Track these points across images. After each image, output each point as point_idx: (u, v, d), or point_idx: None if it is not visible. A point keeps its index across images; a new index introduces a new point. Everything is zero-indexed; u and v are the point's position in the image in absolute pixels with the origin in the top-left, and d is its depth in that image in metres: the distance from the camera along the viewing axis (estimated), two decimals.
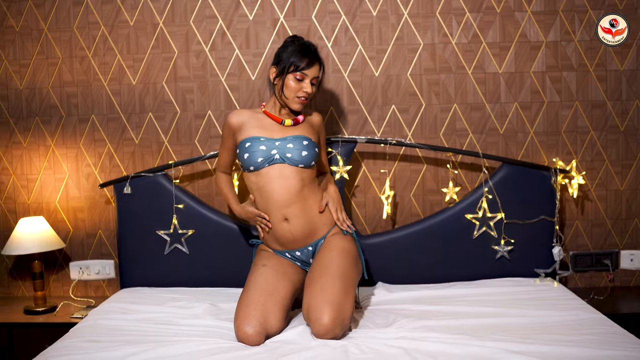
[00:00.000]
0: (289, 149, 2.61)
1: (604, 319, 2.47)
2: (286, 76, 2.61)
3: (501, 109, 3.24)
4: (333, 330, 2.34)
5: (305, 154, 2.62)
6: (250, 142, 2.64)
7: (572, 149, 3.25)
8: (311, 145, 2.65)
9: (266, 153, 2.61)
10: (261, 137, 2.65)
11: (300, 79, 2.61)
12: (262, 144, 2.62)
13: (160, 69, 3.27)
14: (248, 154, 2.62)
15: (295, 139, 2.64)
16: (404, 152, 3.26)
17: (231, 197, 2.85)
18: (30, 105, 3.32)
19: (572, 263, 3.26)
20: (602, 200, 3.28)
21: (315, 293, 2.43)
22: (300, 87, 2.61)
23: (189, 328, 2.52)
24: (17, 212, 3.37)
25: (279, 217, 2.64)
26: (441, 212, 3.13)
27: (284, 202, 2.61)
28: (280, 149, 2.62)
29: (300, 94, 2.62)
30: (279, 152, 2.61)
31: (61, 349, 2.27)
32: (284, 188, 2.61)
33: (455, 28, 3.21)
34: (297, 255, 2.70)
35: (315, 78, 2.64)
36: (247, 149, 2.63)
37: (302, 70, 2.59)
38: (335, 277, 2.49)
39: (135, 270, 3.14)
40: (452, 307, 2.69)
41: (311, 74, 2.62)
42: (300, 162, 2.61)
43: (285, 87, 2.62)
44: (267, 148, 2.61)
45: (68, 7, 3.27)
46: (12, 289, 3.44)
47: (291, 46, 2.64)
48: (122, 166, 3.32)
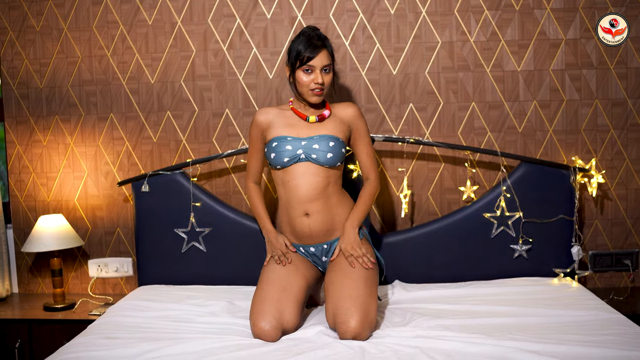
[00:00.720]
0: (314, 150, 2.59)
1: (623, 319, 2.44)
2: (296, 72, 2.59)
3: (520, 107, 3.21)
4: (361, 334, 2.34)
5: (331, 155, 2.59)
6: (277, 142, 2.62)
7: (591, 148, 3.21)
8: (338, 145, 2.61)
9: (292, 153, 2.60)
10: (288, 137, 2.63)
11: (309, 71, 2.57)
12: (288, 143, 2.61)
13: (178, 67, 3.29)
14: (275, 154, 2.61)
15: (321, 138, 2.61)
16: (422, 151, 3.25)
17: (264, 215, 2.79)
18: (50, 104, 3.36)
19: (592, 263, 3.22)
20: (622, 199, 3.24)
21: (341, 295, 2.42)
22: (311, 79, 2.57)
23: (206, 325, 2.53)
24: (37, 210, 3.41)
25: (300, 211, 2.63)
26: (459, 211, 3.11)
27: (307, 197, 2.61)
28: (306, 148, 2.60)
29: (312, 86, 2.57)
30: (305, 152, 2.59)
31: (78, 346, 2.28)
32: (309, 184, 2.60)
33: (474, 26, 3.19)
34: (312, 251, 2.69)
35: (327, 66, 2.58)
36: (274, 149, 2.62)
37: (308, 62, 2.55)
38: (359, 279, 2.48)
39: (153, 268, 3.16)
40: (469, 306, 2.67)
41: (319, 63, 2.56)
42: (325, 163, 2.59)
43: (297, 83, 2.60)
44: (293, 148, 2.60)
45: (87, 7, 3.30)
46: (32, 285, 3.47)
47: (296, 41, 2.61)
48: (140, 164, 3.34)
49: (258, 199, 2.82)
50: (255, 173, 2.83)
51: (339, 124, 2.68)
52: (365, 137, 2.73)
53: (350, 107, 2.72)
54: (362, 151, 2.74)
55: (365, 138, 2.73)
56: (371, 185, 2.74)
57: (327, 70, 2.60)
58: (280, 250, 2.64)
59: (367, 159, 2.75)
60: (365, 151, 2.74)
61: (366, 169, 2.76)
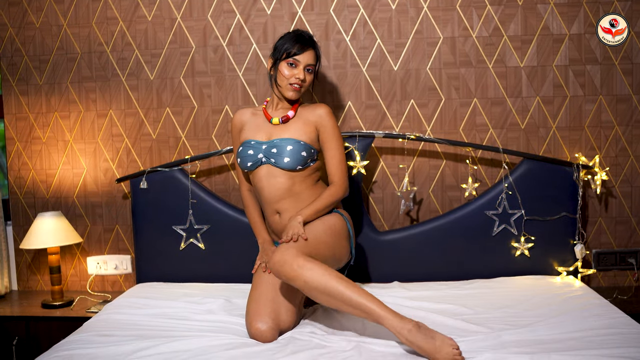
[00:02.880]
0: (272, 154, 2.59)
1: (627, 319, 2.39)
2: (280, 64, 2.59)
3: (522, 104, 3.17)
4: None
5: (288, 160, 2.57)
6: (242, 146, 2.67)
7: (595, 145, 3.17)
8: (297, 149, 2.57)
9: (254, 157, 2.63)
10: (252, 141, 2.66)
11: (293, 65, 2.57)
12: (251, 148, 2.64)
13: (177, 63, 3.27)
14: (240, 159, 2.67)
15: (281, 142, 2.60)
16: (423, 148, 3.21)
17: (259, 224, 2.81)
18: (50, 100, 3.34)
19: (595, 261, 3.18)
20: (627, 197, 3.20)
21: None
22: (293, 73, 2.57)
23: (203, 323, 2.51)
24: (36, 207, 3.39)
25: (271, 210, 2.66)
26: (460, 208, 3.07)
27: (273, 198, 2.63)
28: (265, 152, 2.61)
29: (293, 81, 2.57)
30: (265, 156, 2.62)
31: (73, 343, 2.26)
32: (272, 186, 2.62)
33: (476, 21, 3.15)
34: None
35: (311, 66, 2.60)
36: (239, 153, 2.67)
37: (294, 55, 2.56)
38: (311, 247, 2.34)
39: (151, 265, 3.15)
40: (470, 305, 2.64)
41: (304, 60, 2.57)
42: (284, 167, 2.58)
43: (278, 75, 2.60)
44: (255, 152, 2.63)
45: (87, 3, 3.28)
46: (31, 282, 3.46)
47: (284, 37, 2.64)
48: (140, 161, 3.32)
49: (253, 207, 2.85)
50: (246, 178, 2.85)
51: (303, 125, 2.65)
52: (332, 139, 2.64)
53: (320, 108, 2.66)
54: (329, 153, 2.66)
55: (332, 140, 2.64)
56: (334, 187, 2.62)
57: (310, 71, 2.61)
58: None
59: (333, 162, 2.65)
60: (332, 154, 2.65)
61: (331, 172, 2.66)
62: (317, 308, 2.67)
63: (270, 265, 2.28)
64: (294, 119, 2.67)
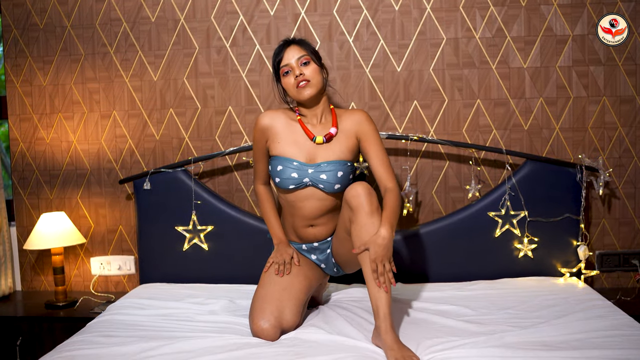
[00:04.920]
0: (321, 180, 2.46)
1: (630, 320, 2.38)
2: (281, 81, 2.52)
3: (526, 105, 3.17)
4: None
5: (339, 186, 2.48)
6: (282, 166, 2.48)
7: (599, 146, 3.16)
8: (346, 173, 2.48)
9: (298, 180, 2.47)
10: (294, 161, 2.48)
11: (288, 73, 2.48)
12: (294, 170, 2.47)
13: (181, 64, 3.27)
14: (279, 179, 2.49)
15: (329, 166, 2.47)
16: (426, 149, 3.21)
17: (275, 222, 2.69)
18: (53, 101, 3.35)
19: (599, 263, 3.18)
20: (631, 198, 3.19)
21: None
22: (291, 77, 2.47)
23: (206, 324, 2.51)
24: (39, 208, 3.40)
25: (305, 224, 2.59)
26: (463, 209, 3.07)
27: (311, 215, 2.56)
28: (312, 177, 2.47)
29: (295, 82, 2.46)
30: (312, 180, 2.48)
31: (76, 344, 2.27)
32: (314, 207, 2.53)
33: (479, 22, 3.15)
34: (315, 245, 2.65)
35: (302, 57, 2.46)
36: (278, 173, 2.49)
37: (281, 61, 2.48)
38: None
39: (154, 266, 3.15)
40: (473, 306, 2.64)
41: (290, 56, 2.46)
42: (332, 192, 2.49)
43: (285, 90, 2.53)
44: (299, 176, 2.47)
45: (91, 4, 3.29)
46: (35, 283, 3.47)
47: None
48: (143, 162, 3.32)
49: (269, 205, 2.71)
50: (263, 176, 2.71)
51: (346, 140, 2.53)
52: (375, 143, 2.51)
53: (357, 114, 2.55)
54: (374, 158, 2.51)
55: (375, 145, 2.51)
56: (394, 195, 2.40)
57: (306, 63, 2.47)
58: (285, 260, 2.57)
59: (381, 166, 2.50)
60: (378, 158, 2.50)
61: (382, 178, 2.49)
62: (320, 309, 2.67)
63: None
64: (336, 135, 2.54)
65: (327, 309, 2.63)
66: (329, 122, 2.56)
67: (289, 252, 2.60)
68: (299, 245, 2.67)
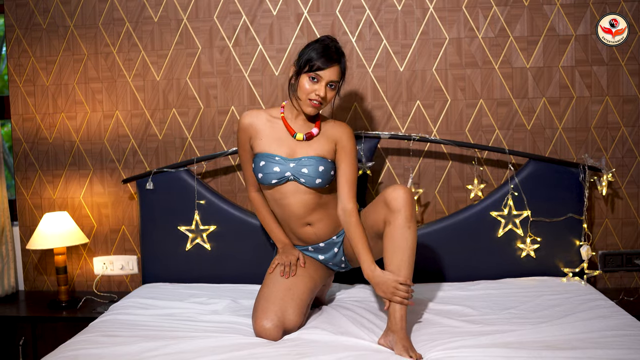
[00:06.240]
0: (303, 174, 2.48)
1: (633, 320, 2.39)
2: (301, 76, 2.42)
3: (529, 105, 3.16)
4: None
5: (320, 181, 2.49)
6: (265, 162, 2.50)
7: (602, 146, 3.16)
8: (327, 169, 2.49)
9: (280, 175, 2.49)
10: (276, 156, 2.50)
11: (315, 80, 2.40)
12: (276, 164, 2.49)
13: (184, 64, 3.27)
14: (262, 175, 2.51)
15: (310, 161, 2.49)
16: (429, 148, 3.21)
17: (275, 228, 2.69)
18: (56, 101, 3.35)
19: (602, 263, 3.18)
20: (634, 198, 3.19)
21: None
22: (314, 89, 2.40)
23: (208, 324, 2.51)
24: (42, 208, 3.40)
25: (300, 223, 2.59)
26: (466, 209, 3.07)
27: (302, 213, 2.56)
28: (294, 171, 2.49)
29: (312, 97, 2.41)
30: (293, 174, 2.49)
31: (78, 343, 2.27)
32: (300, 202, 2.54)
33: (482, 22, 3.15)
34: (321, 246, 2.65)
35: (334, 82, 2.42)
36: (261, 169, 2.51)
37: (317, 70, 2.38)
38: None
39: (157, 265, 3.15)
40: (475, 306, 2.64)
41: (327, 77, 2.39)
42: (313, 187, 2.50)
43: (299, 88, 2.44)
44: (281, 170, 2.49)
45: (94, 4, 3.29)
46: (38, 283, 3.47)
47: (311, 46, 2.44)
48: (146, 162, 3.33)
49: (265, 210, 2.71)
50: (253, 181, 2.69)
51: (326, 142, 2.54)
52: (349, 159, 2.53)
53: (343, 126, 2.57)
54: (343, 175, 2.52)
55: (349, 160, 2.53)
56: (355, 217, 2.47)
57: (333, 87, 2.44)
58: (291, 261, 2.57)
59: (346, 184, 2.51)
60: (346, 175, 2.52)
61: (344, 196, 2.51)
62: (323, 309, 2.67)
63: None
64: (317, 135, 2.56)
65: (330, 309, 2.63)
66: (312, 125, 2.58)
67: (295, 254, 2.61)
68: (305, 247, 2.67)
